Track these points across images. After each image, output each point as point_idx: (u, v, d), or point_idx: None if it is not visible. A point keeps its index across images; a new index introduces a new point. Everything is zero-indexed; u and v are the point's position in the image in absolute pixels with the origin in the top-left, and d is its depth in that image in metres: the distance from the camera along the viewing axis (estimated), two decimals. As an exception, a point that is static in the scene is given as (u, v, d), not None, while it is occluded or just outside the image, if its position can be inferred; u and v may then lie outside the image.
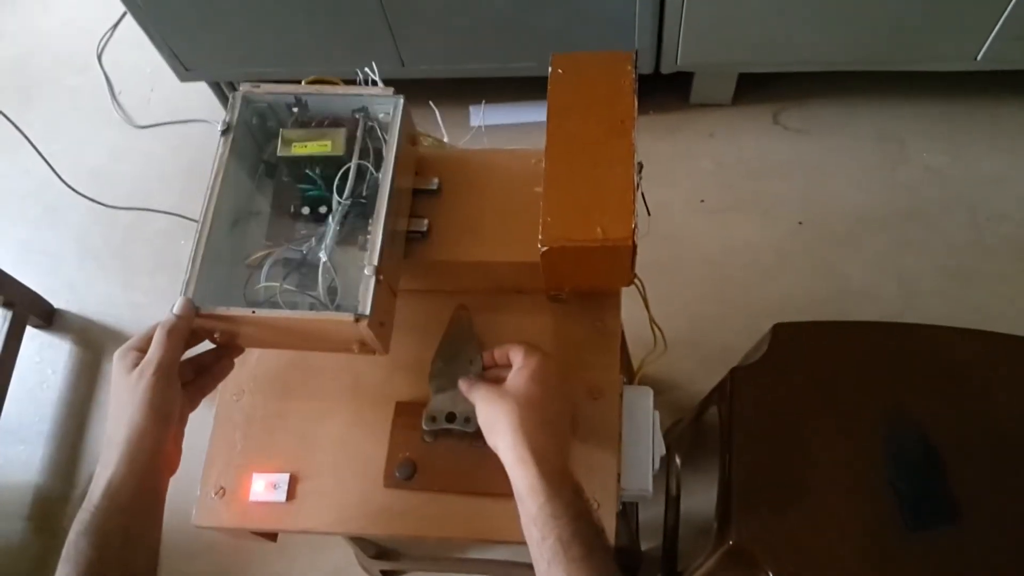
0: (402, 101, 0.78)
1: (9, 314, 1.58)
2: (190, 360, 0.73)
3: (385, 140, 0.78)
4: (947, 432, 0.94)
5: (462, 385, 0.76)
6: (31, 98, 2.05)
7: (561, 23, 1.56)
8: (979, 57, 1.56)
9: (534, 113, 0.89)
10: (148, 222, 1.81)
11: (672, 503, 1.34)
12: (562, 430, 0.71)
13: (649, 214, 0.78)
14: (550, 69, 0.79)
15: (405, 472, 0.77)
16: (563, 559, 0.61)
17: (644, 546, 1.37)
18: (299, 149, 0.78)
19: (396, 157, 0.75)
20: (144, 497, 0.64)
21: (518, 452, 0.66)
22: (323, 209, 0.78)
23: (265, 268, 0.76)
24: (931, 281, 1.56)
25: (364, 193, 0.76)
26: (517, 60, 1.64)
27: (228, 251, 0.76)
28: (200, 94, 1.90)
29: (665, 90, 1.79)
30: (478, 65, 1.69)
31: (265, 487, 0.79)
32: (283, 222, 0.80)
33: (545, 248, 0.71)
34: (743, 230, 1.66)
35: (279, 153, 0.78)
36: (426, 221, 0.81)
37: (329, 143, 0.77)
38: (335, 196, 0.76)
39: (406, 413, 0.81)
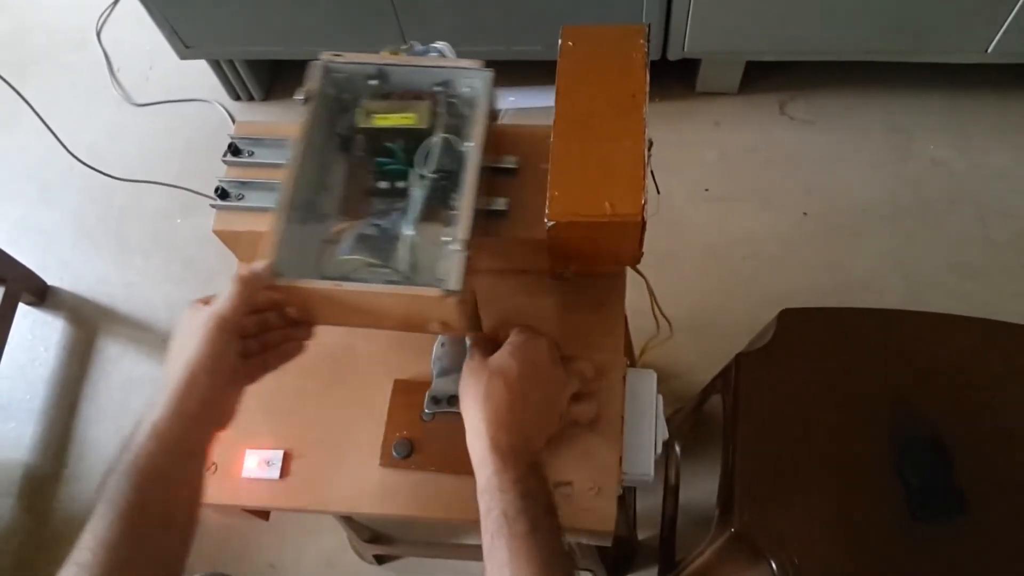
0: (491, 75, 0.76)
1: (1, 290, 1.55)
2: (259, 336, 0.71)
3: (465, 114, 0.76)
4: (955, 422, 0.92)
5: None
6: (27, 74, 2.02)
7: (567, 7, 1.55)
8: (990, 50, 1.54)
9: (541, 98, 0.87)
10: (144, 201, 1.79)
11: (671, 492, 1.32)
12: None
13: (659, 192, 0.76)
14: (560, 41, 0.77)
15: (402, 451, 0.76)
16: (506, 534, 0.60)
17: (640, 536, 1.36)
18: (380, 121, 0.75)
19: (485, 130, 0.73)
20: (189, 443, 0.62)
21: (475, 422, 0.67)
22: (401, 183, 0.76)
23: (348, 241, 0.73)
24: (936, 274, 1.55)
25: (450, 167, 0.74)
26: (522, 43, 1.62)
27: (303, 225, 0.74)
28: (199, 72, 1.87)
29: (671, 77, 1.77)
30: (483, 47, 1.66)
31: (258, 464, 0.77)
32: (357, 197, 0.77)
33: (552, 223, 0.69)
34: (747, 220, 1.64)
35: (359, 124, 0.75)
36: (505, 200, 0.78)
37: (413, 116, 0.75)
38: (418, 169, 0.74)
39: (405, 391, 0.79)
